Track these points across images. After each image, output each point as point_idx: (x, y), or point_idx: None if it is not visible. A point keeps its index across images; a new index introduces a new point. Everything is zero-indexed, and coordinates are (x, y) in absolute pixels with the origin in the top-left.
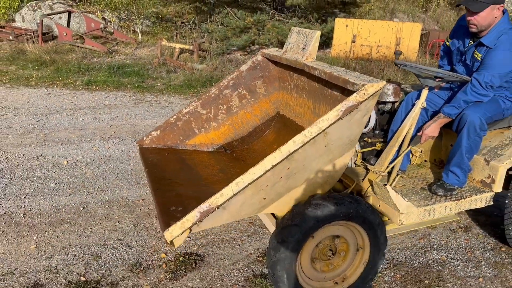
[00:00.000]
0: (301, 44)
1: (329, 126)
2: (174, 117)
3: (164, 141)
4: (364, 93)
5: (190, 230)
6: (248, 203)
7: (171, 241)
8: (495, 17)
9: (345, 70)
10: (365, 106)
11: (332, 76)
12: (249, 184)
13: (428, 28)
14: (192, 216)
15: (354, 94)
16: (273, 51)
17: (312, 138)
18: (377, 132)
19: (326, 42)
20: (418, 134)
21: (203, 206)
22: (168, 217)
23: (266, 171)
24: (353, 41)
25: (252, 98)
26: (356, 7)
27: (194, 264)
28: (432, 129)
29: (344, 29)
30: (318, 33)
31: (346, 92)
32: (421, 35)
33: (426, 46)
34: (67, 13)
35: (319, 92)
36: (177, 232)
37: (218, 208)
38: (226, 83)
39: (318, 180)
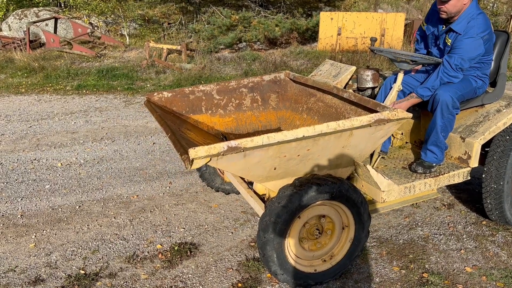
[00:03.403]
0: (334, 72)
1: (359, 127)
2: (189, 89)
3: (171, 105)
4: (395, 114)
5: (210, 159)
6: (262, 164)
7: (192, 160)
8: (464, 4)
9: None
10: (389, 127)
11: (363, 99)
12: (278, 143)
13: (412, 18)
14: (220, 146)
15: (387, 111)
16: (297, 74)
17: (342, 131)
18: None
19: (312, 36)
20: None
21: (233, 143)
22: (185, 147)
23: (296, 139)
24: (339, 34)
25: (262, 106)
26: (340, 0)
27: (189, 253)
28: (402, 106)
29: (329, 22)
30: (354, 68)
31: None
32: (406, 24)
33: (411, 35)
34: (53, 19)
35: (334, 117)
36: (201, 154)
37: (243, 150)
38: (246, 83)
39: None
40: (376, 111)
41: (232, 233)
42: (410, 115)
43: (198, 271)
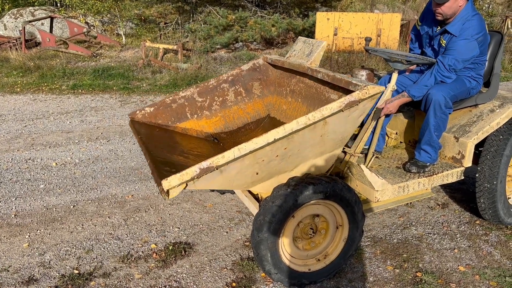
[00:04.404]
0: (307, 51)
1: (331, 115)
2: (170, 98)
3: (155, 119)
4: (366, 92)
5: (186, 185)
6: (242, 173)
7: (167, 191)
8: (460, 6)
9: (347, 75)
10: (363, 105)
11: (335, 78)
12: (250, 152)
13: (408, 18)
14: (192, 170)
15: (357, 91)
16: (275, 56)
17: (314, 123)
18: None
19: (308, 36)
20: (378, 107)
21: (204, 164)
22: (163, 174)
23: (268, 144)
24: (335, 34)
25: (247, 97)
26: (337, 0)
27: (183, 252)
28: (394, 105)
29: (326, 22)
30: (325, 43)
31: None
32: (402, 25)
33: (407, 36)
34: (49, 19)
35: (316, 97)
36: (174, 183)
37: (217, 168)
38: (225, 77)
39: (306, 170)
40: (350, 90)
41: (227, 232)
42: (383, 88)
43: (193, 270)
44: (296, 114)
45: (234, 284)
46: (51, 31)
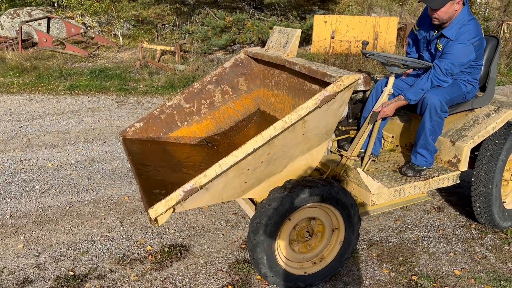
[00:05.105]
0: (283, 42)
1: (308, 114)
2: (158, 109)
3: (147, 133)
4: (341, 84)
5: (174, 209)
6: (229, 185)
7: (155, 219)
8: (456, 10)
9: (323, 65)
10: (341, 96)
11: (311, 70)
12: (232, 166)
13: (405, 22)
14: (176, 195)
15: (331, 85)
16: (255, 49)
17: (292, 125)
18: (350, 120)
19: (306, 39)
20: (374, 110)
21: (187, 186)
22: (152, 198)
23: (248, 154)
24: (332, 37)
25: (234, 94)
26: (334, 3)
27: (179, 254)
28: (390, 108)
29: (323, 25)
30: (299, 31)
31: (325, 86)
32: (398, 28)
33: (404, 39)
34: (46, 19)
35: (298, 87)
36: (161, 210)
37: (201, 188)
38: (209, 78)
39: (296, 168)
40: (325, 83)
41: (223, 235)
42: (358, 76)
43: (188, 273)
44: (284, 107)
45: (230, 286)
46: (48, 31)
